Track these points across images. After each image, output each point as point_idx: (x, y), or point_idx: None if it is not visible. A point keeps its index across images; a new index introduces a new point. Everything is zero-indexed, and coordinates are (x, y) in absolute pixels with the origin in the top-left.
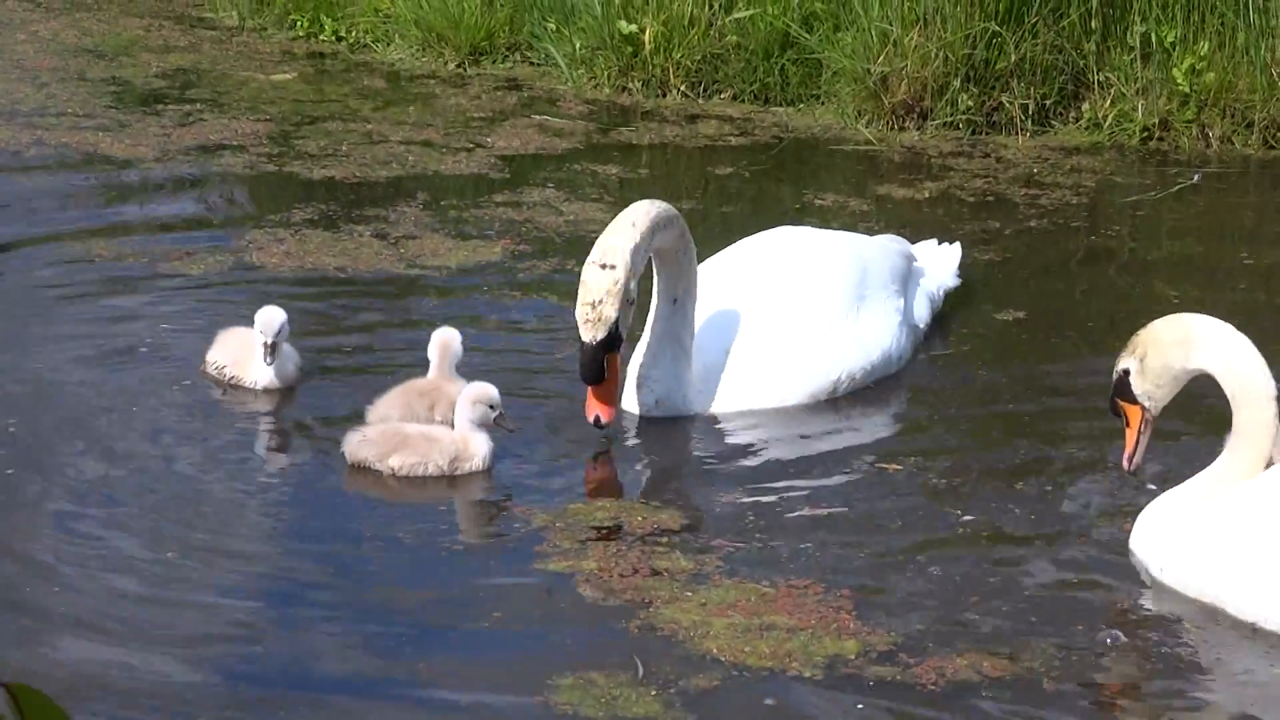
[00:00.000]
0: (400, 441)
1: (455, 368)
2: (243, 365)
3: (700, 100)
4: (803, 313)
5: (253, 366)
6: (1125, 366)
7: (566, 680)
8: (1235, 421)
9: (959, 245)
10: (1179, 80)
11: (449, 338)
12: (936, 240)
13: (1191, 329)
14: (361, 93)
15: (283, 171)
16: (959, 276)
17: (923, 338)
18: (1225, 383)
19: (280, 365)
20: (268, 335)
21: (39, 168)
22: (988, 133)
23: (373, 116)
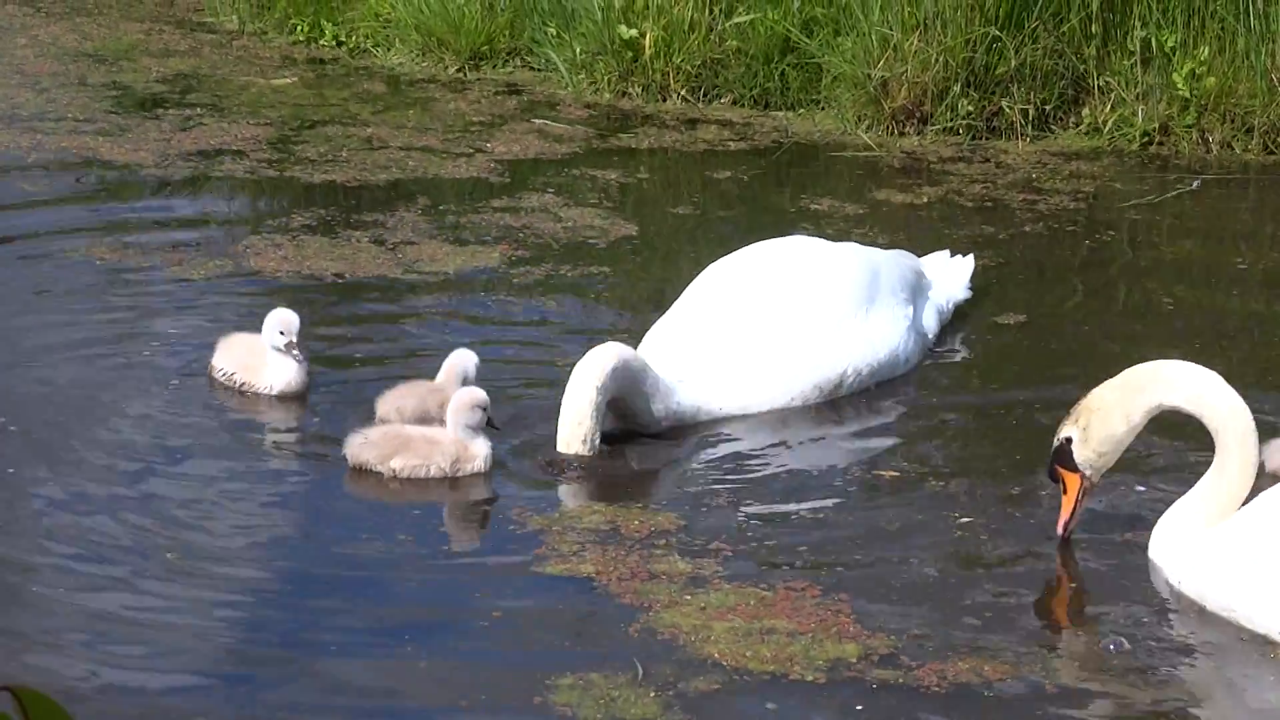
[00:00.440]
0: (401, 444)
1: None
2: (254, 371)
3: (700, 105)
4: (812, 309)
5: (265, 372)
6: (1067, 435)
7: (565, 680)
8: (1220, 446)
9: (971, 258)
10: (1179, 85)
11: (464, 361)
12: (949, 253)
13: (1159, 371)
14: (361, 97)
15: (282, 176)
16: (970, 289)
17: (930, 346)
18: (1199, 411)
19: (296, 368)
20: (290, 334)
21: (39, 172)
22: (988, 138)
23: (372, 121)
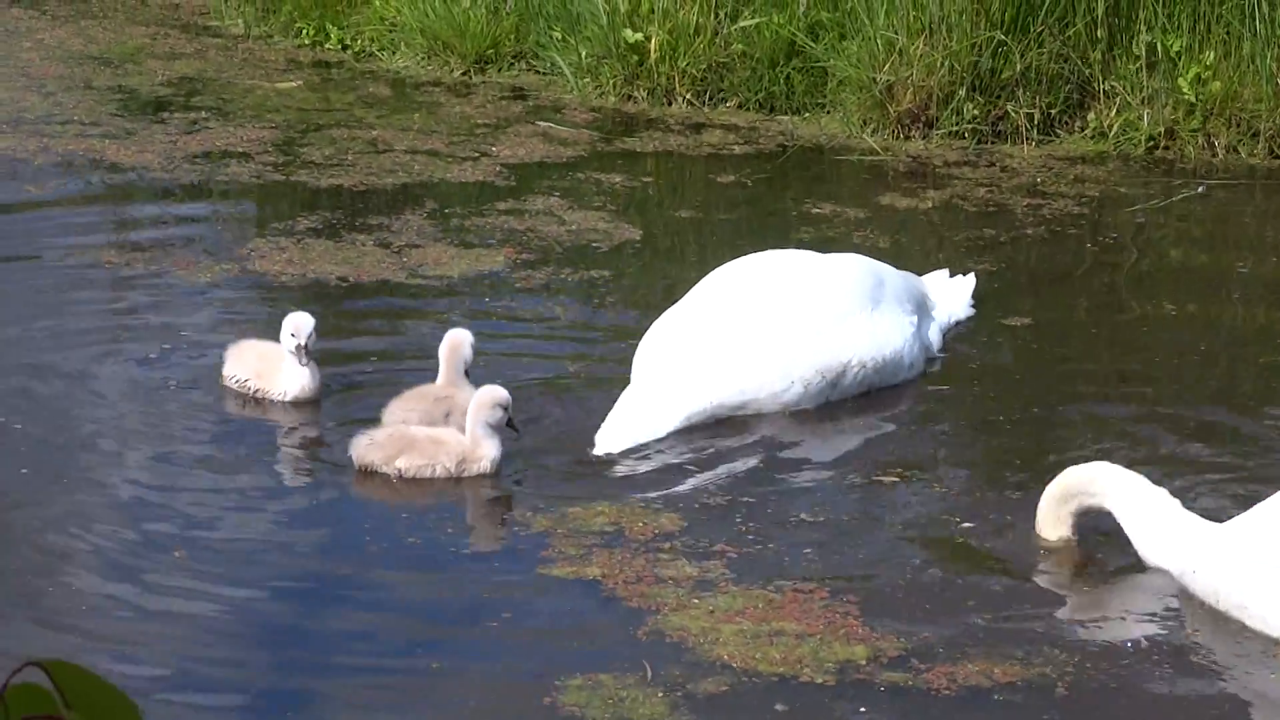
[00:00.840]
0: (407, 444)
1: (465, 373)
2: (268, 378)
3: (705, 109)
4: (816, 301)
5: (279, 378)
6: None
7: (575, 681)
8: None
9: (973, 277)
10: (1184, 89)
11: (460, 339)
12: (948, 272)
13: (1087, 477)
14: (366, 101)
15: (288, 180)
16: (973, 307)
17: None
18: (1114, 509)
19: (311, 374)
20: (300, 338)
21: (45, 175)
22: (993, 142)
23: (378, 125)
